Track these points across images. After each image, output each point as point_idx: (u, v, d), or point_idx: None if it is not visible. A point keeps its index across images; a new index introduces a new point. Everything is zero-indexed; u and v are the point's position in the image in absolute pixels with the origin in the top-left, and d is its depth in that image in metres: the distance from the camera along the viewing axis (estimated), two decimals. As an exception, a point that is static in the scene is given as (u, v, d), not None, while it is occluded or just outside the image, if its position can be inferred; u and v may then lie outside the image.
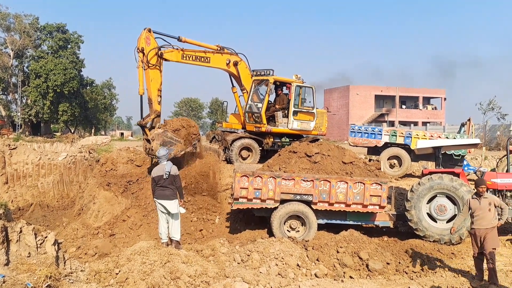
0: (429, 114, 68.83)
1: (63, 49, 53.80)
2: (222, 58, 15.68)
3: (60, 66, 49.60)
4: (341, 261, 8.85)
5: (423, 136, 17.47)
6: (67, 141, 26.26)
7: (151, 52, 13.30)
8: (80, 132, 61.14)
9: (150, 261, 7.53)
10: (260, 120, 15.94)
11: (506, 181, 10.78)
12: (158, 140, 13.03)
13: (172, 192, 9.13)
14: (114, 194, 13.15)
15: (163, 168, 9.13)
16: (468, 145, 12.93)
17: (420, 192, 10.61)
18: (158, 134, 13.13)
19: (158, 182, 9.12)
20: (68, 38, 54.47)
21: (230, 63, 15.78)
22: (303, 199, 10.49)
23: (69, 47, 54.83)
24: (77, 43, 55.48)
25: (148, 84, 13.34)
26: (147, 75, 13.27)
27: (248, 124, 16.43)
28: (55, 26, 54.29)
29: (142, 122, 13.54)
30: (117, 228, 12.08)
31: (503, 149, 30.13)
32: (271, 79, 15.94)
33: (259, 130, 16.06)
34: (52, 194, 17.21)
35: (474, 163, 22.10)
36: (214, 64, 15.49)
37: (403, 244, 10.40)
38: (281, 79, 16.42)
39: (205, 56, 15.12)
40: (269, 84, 15.97)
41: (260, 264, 8.38)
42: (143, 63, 13.14)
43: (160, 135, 13.12)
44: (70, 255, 9.27)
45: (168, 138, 13.23)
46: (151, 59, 13.26)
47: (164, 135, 13.19)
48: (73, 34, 55.39)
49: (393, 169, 17.74)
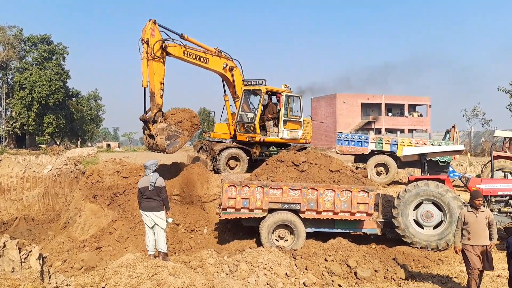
0: (415, 121, 69.55)
1: (48, 61, 53.51)
2: (220, 62, 15.69)
3: (45, 78, 49.32)
4: (330, 270, 8.84)
5: (409, 143, 17.64)
6: (52, 153, 26.06)
7: (156, 44, 13.14)
8: (66, 144, 60.69)
9: (137, 274, 7.44)
10: (253, 130, 15.97)
11: (491, 187, 10.90)
12: (163, 135, 12.87)
13: (158, 204, 9.03)
14: (100, 207, 13.01)
15: (148, 179, 9.03)
16: (453, 152, 13.06)
17: (406, 199, 10.67)
18: (162, 129, 12.91)
19: (144, 193, 9.03)
20: (53, 49, 54.22)
21: (226, 67, 15.81)
22: (291, 208, 10.49)
23: (54, 58, 54.56)
24: (62, 54, 55.27)
25: (152, 77, 13.08)
26: (151, 67, 13.05)
27: (240, 134, 16.40)
28: (39, 38, 54.02)
29: (146, 117, 13.15)
30: (104, 240, 11.94)
31: (487, 155, 30.47)
32: (264, 89, 16.01)
33: (252, 140, 16.07)
34: (37, 207, 16.96)
35: (460, 169, 22.32)
36: (212, 65, 15.45)
37: (390, 251, 10.43)
38: (272, 89, 16.51)
39: (205, 57, 15.09)
40: (262, 94, 16.03)
41: (248, 275, 8.34)
42: (147, 55, 12.94)
43: (165, 130, 12.93)
44: (56, 269, 9.14)
45: (172, 132, 13.07)
46: (156, 51, 13.08)
47: (168, 128, 13.00)
48: (58, 45, 55.18)
49: (380, 177, 17.84)
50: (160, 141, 12.77)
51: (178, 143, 13.10)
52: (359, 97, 67.18)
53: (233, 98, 16.64)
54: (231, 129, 16.99)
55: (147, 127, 13.25)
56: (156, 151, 13.50)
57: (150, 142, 13.29)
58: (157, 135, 12.89)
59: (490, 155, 12.01)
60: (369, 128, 66.19)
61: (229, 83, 16.43)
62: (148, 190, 8.96)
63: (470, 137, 41.32)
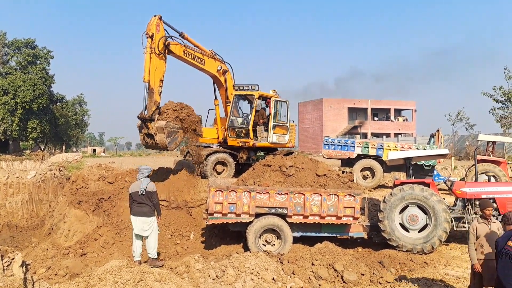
0: (400, 125, 70.19)
1: (32, 65, 52.87)
2: (215, 64, 15.66)
3: (29, 82, 48.73)
4: (317, 274, 8.85)
5: (394, 148, 17.78)
6: (36, 158, 25.72)
7: (161, 40, 13.00)
8: (51, 150, 59.94)
9: (122, 280, 7.36)
10: (245, 135, 16.01)
11: (475, 190, 11.01)
12: (163, 133, 12.63)
13: (149, 209, 9.09)
14: (85, 213, 12.88)
15: (139, 184, 9.09)
16: (438, 156, 13.18)
17: (392, 202, 10.73)
18: (161, 127, 12.65)
19: (134, 198, 9.04)
20: (37, 53, 53.58)
21: (220, 70, 15.78)
22: (278, 213, 10.48)
23: (38, 62, 53.91)
24: (46, 59, 54.60)
25: (152, 73, 12.84)
26: (153, 62, 12.83)
27: (231, 139, 16.39)
28: (23, 42, 53.38)
29: (145, 115, 12.83)
30: (89, 247, 11.81)
31: (471, 159, 30.85)
32: (257, 94, 16.05)
33: (245, 145, 16.09)
34: (21, 213, 16.74)
35: (444, 173, 22.54)
36: (208, 67, 15.38)
37: (377, 255, 10.49)
38: (264, 94, 16.55)
39: (202, 58, 15.02)
40: (255, 99, 16.07)
41: (235, 280, 8.31)
42: (151, 49, 12.74)
43: (164, 128, 12.66)
44: (40, 277, 9.00)
45: (171, 129, 12.83)
46: (160, 47, 12.95)
47: (168, 126, 12.73)
48: (42, 50, 54.52)
49: (366, 181, 17.94)
50: (160, 140, 12.58)
51: (177, 139, 12.92)
52: (346, 102, 67.65)
53: (225, 102, 16.57)
54: (220, 133, 16.95)
55: (145, 126, 12.97)
56: (156, 149, 13.35)
57: (149, 142, 13.05)
58: (156, 134, 12.67)
59: (474, 159, 12.15)
60: (355, 132, 66.62)
61: (220, 86, 16.36)
62: (138, 195, 9.00)
63: (455, 141, 41.82)
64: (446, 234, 10.49)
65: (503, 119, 39.89)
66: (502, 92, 38.81)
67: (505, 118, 39.78)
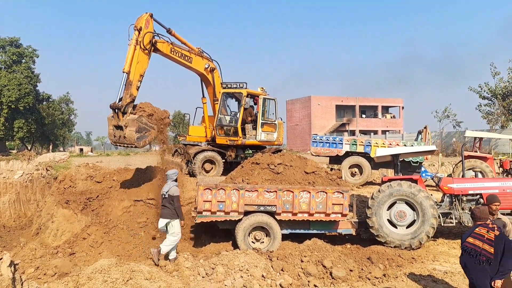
0: (388, 122, 70.59)
1: (17, 64, 52.32)
2: (202, 62, 15.55)
3: (14, 82, 48.23)
4: (306, 270, 8.90)
5: (382, 145, 17.92)
6: (23, 158, 25.45)
7: (148, 35, 12.81)
8: (38, 149, 59.39)
9: (111, 279, 7.35)
10: (234, 133, 16.02)
11: (462, 186, 11.13)
12: (133, 127, 12.01)
13: (170, 212, 9.70)
14: (73, 212, 12.78)
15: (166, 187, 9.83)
16: (425, 152, 13.29)
17: (380, 199, 10.82)
18: (132, 120, 12.04)
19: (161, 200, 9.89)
20: (22, 52, 52.99)
21: (208, 68, 15.66)
22: (266, 210, 10.52)
23: (24, 61, 53.37)
24: (31, 58, 54.03)
25: (134, 66, 12.47)
26: (137, 55, 12.52)
27: (219, 137, 16.37)
28: (8, 40, 52.75)
29: (118, 105, 12.16)
30: (77, 246, 11.73)
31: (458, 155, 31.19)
32: (245, 92, 16.05)
33: (234, 143, 16.09)
34: (9, 213, 16.56)
35: (432, 169, 22.75)
36: (195, 65, 15.22)
37: (365, 251, 10.57)
38: (252, 92, 16.56)
39: (189, 56, 14.84)
40: (243, 97, 16.08)
41: (225, 277, 8.33)
42: (136, 41, 12.49)
43: (136, 121, 12.04)
44: (28, 276, 8.95)
45: (143, 124, 12.19)
46: (146, 43, 12.73)
47: (139, 120, 12.13)
48: (27, 48, 53.92)
49: (354, 178, 18.07)
50: (129, 133, 11.96)
51: (148, 137, 12.33)
52: (334, 100, 67.87)
53: (212, 100, 16.55)
54: (208, 132, 16.92)
55: (117, 116, 12.33)
56: (123, 145, 12.57)
57: (117, 134, 12.38)
58: (126, 126, 12.05)
59: (461, 155, 12.28)
60: (343, 130, 66.93)
61: (208, 84, 16.30)
62: (162, 197, 9.79)
63: (442, 137, 42.21)
64: (433, 229, 10.60)
65: (489, 115, 40.36)
66: (489, 89, 39.25)
67: (491, 114, 40.25)
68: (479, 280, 5.91)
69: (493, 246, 5.82)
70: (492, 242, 5.85)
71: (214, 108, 16.53)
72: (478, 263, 5.90)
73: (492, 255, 5.81)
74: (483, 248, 5.88)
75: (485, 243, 5.89)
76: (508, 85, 38.25)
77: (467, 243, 6.06)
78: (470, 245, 6.02)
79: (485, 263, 5.84)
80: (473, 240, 6.02)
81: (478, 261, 5.90)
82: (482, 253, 5.86)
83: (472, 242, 6.03)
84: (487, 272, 5.84)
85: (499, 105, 39.16)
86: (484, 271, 5.85)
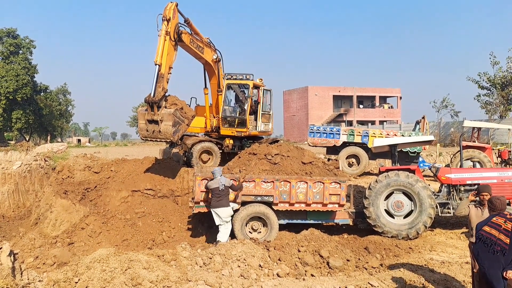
0: (385, 113, 70.52)
1: (14, 55, 52.12)
2: (211, 53, 15.26)
3: (11, 73, 48.11)
4: (303, 260, 8.95)
5: (380, 135, 17.96)
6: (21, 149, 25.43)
7: (176, 26, 12.58)
8: (36, 140, 59.43)
9: (110, 269, 7.40)
10: (239, 124, 16.08)
11: (460, 176, 11.17)
12: (169, 121, 11.85)
13: (226, 201, 10.20)
14: (71, 202, 12.83)
15: (217, 181, 10.10)
16: (423, 142, 13.32)
17: (377, 189, 10.85)
18: (169, 114, 11.90)
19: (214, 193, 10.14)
20: (19, 43, 52.76)
21: (216, 58, 15.41)
22: (264, 200, 10.56)
23: (21, 52, 53.15)
24: (29, 48, 53.80)
25: (164, 58, 12.21)
26: (166, 46, 12.25)
27: (224, 128, 16.38)
28: (5, 31, 52.48)
29: (154, 99, 11.87)
30: (76, 236, 11.80)
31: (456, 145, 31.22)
32: (251, 84, 16.07)
33: (241, 135, 16.16)
34: (8, 204, 16.61)
35: (429, 160, 22.85)
36: (206, 56, 14.92)
37: (362, 241, 10.62)
38: (257, 84, 16.62)
39: (202, 46, 14.57)
40: (250, 89, 16.11)
41: (222, 267, 8.37)
42: (166, 33, 12.20)
43: (172, 115, 11.90)
44: (28, 266, 9.01)
45: (177, 118, 12.10)
46: (173, 34, 12.45)
47: (175, 114, 12.02)
48: (24, 39, 53.67)
49: (351, 168, 18.13)
50: (165, 128, 11.84)
51: (180, 131, 12.28)
52: (331, 90, 67.70)
53: (216, 91, 16.39)
54: (207, 123, 16.85)
55: (151, 110, 12.08)
56: (155, 140, 12.39)
57: (150, 129, 12.12)
58: (161, 120, 11.92)
59: (459, 145, 12.31)
60: (340, 120, 66.87)
61: (212, 75, 16.07)
62: (218, 190, 10.10)
63: (440, 127, 42.22)
64: (431, 220, 10.65)
65: (488, 105, 40.31)
66: (488, 78, 39.14)
67: (490, 104, 40.21)
68: (491, 269, 5.90)
69: (509, 237, 5.82)
70: (508, 232, 5.83)
71: (218, 99, 16.42)
72: (492, 253, 5.88)
73: (507, 246, 5.80)
74: (498, 237, 5.87)
75: (502, 233, 5.87)
76: (507, 75, 38.16)
77: (483, 232, 6.02)
78: (486, 234, 6.00)
79: (499, 253, 5.82)
80: (490, 229, 6.00)
81: (492, 251, 5.88)
82: (498, 243, 5.84)
83: (488, 231, 6.01)
84: (500, 262, 5.82)
85: (498, 94, 39.09)
86: (497, 261, 5.84)
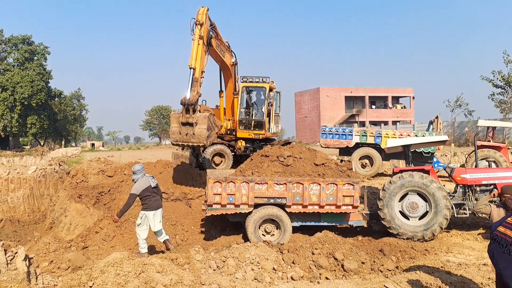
0: (398, 113, 70.08)
1: (29, 61, 52.91)
2: (230, 57, 15.30)
3: (27, 78, 48.77)
4: (317, 263, 8.87)
5: (393, 135, 17.79)
6: (36, 154, 25.79)
7: (208, 31, 12.64)
8: (50, 145, 60.07)
9: (124, 272, 7.40)
10: (258, 127, 16.11)
11: (475, 176, 10.99)
12: (204, 124, 11.79)
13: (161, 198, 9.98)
14: (85, 206, 12.94)
15: (147, 180, 9.50)
16: (437, 142, 13.16)
17: (391, 190, 10.74)
18: (204, 117, 11.82)
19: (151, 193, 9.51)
20: (34, 49, 53.56)
21: (234, 62, 15.47)
22: (276, 203, 10.50)
23: (36, 58, 53.94)
24: (43, 55, 54.58)
25: (198, 61, 12.16)
26: (200, 50, 12.20)
27: (242, 131, 16.41)
28: (20, 38, 53.30)
29: (191, 101, 11.77)
30: (90, 240, 11.87)
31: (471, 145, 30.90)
32: (267, 86, 16.12)
33: (259, 137, 16.22)
34: (23, 208, 16.82)
35: (444, 160, 22.59)
36: (227, 60, 14.92)
37: (377, 243, 10.50)
38: (272, 87, 16.70)
39: (224, 51, 14.54)
40: (267, 92, 16.14)
41: (236, 270, 8.34)
42: (200, 37, 12.17)
43: (207, 119, 11.84)
44: (43, 270, 9.05)
45: (211, 123, 12.06)
46: (206, 37, 12.46)
47: (210, 119, 11.98)
48: (39, 46, 54.45)
49: (365, 169, 17.98)
50: (199, 131, 11.76)
51: (212, 137, 12.25)
52: (343, 91, 67.49)
53: (232, 94, 16.41)
54: (225, 125, 16.86)
55: (185, 113, 11.90)
56: (187, 143, 12.25)
57: (183, 132, 11.95)
58: (196, 123, 11.83)
59: (474, 145, 12.14)
60: (353, 121, 66.61)
61: (229, 78, 16.06)
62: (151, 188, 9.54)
63: (454, 127, 41.81)
64: (447, 221, 10.49)
65: (502, 104, 39.75)
66: (501, 76, 38.63)
67: (504, 103, 39.66)
68: (506, 270, 5.79)
69: None
70: None
71: (233, 101, 16.42)
72: (507, 253, 5.78)
73: None
74: None
75: None
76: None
77: (498, 232, 5.92)
78: (501, 234, 5.90)
79: None
80: (504, 229, 5.91)
81: (508, 251, 5.78)
82: None
83: (503, 231, 5.91)
84: None
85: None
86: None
